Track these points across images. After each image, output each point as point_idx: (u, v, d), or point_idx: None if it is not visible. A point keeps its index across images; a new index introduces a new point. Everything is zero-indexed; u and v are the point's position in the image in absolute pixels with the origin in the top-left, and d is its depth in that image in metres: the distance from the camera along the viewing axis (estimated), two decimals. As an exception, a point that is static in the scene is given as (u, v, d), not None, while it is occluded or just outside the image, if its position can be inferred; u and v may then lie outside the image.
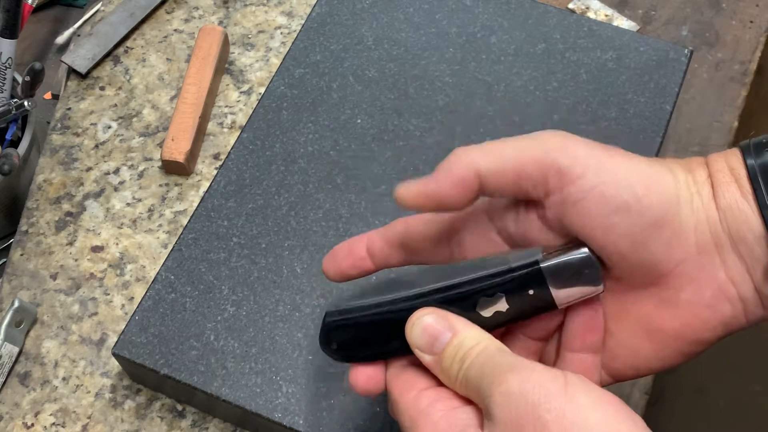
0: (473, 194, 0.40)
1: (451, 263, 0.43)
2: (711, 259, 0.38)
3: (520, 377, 0.35)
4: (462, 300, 0.40)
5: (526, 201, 0.41)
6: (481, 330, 0.39)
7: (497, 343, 0.38)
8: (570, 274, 0.39)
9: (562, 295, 0.39)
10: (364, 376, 0.42)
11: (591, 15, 0.74)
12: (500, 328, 0.41)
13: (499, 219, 0.42)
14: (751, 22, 0.77)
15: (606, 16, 0.75)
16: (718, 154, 0.39)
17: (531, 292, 0.39)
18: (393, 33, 0.68)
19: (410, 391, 0.39)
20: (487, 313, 0.39)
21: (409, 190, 0.40)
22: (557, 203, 0.39)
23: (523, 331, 0.42)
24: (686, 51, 0.67)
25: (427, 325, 0.39)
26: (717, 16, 0.73)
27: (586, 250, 0.39)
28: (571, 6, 0.75)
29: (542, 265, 0.39)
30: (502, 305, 0.39)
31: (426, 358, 0.39)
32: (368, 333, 0.41)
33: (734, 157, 0.38)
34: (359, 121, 0.64)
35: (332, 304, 0.43)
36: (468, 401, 0.38)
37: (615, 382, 0.42)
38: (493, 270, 0.39)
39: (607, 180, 0.38)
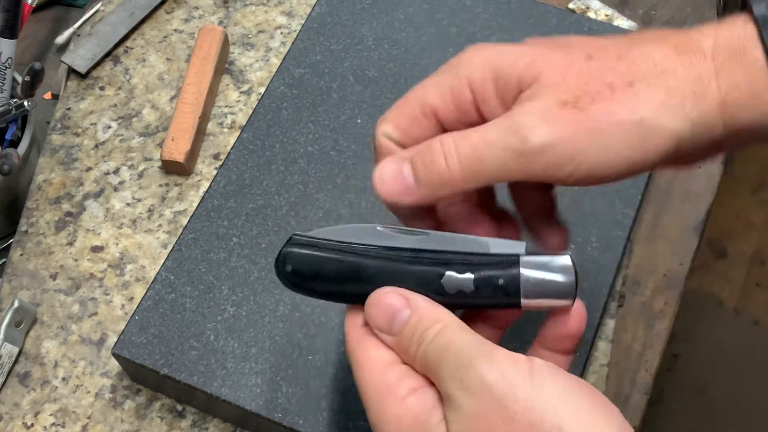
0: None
1: (436, 233, 0.41)
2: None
3: (483, 367, 0.34)
4: (431, 266, 0.39)
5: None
6: (441, 308, 0.38)
7: (457, 322, 0.37)
8: (545, 274, 0.38)
9: (530, 295, 0.38)
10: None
11: (591, 15, 0.74)
12: (459, 310, 0.40)
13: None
14: (751, 22, 0.77)
15: (606, 16, 0.75)
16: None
17: (501, 281, 0.38)
18: (393, 33, 0.68)
19: (376, 363, 0.38)
20: (451, 289, 0.38)
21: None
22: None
23: (483, 317, 0.41)
24: (686, 51, 0.67)
25: (386, 304, 0.38)
26: (717, 16, 0.73)
27: (569, 257, 0.38)
28: (571, 6, 0.75)
29: (522, 257, 0.38)
30: (467, 285, 0.38)
31: (386, 339, 0.38)
32: (328, 270, 0.40)
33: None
34: (359, 121, 0.64)
35: (305, 229, 0.42)
36: (431, 382, 0.37)
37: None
38: (474, 249, 0.39)
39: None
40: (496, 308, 0.40)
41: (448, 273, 0.38)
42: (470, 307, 0.40)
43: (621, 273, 0.63)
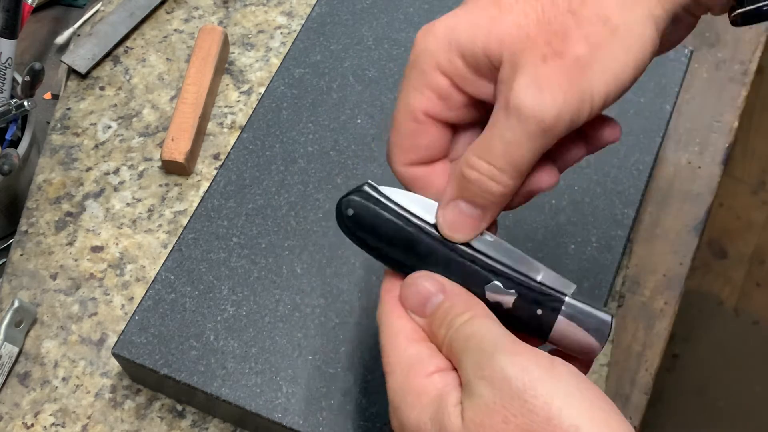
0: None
1: (500, 241, 0.41)
2: None
3: (505, 360, 0.35)
4: (482, 268, 0.39)
5: None
6: (475, 298, 0.39)
7: (487, 314, 0.38)
8: (581, 324, 0.39)
9: (559, 335, 0.39)
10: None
11: None
12: None
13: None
14: (751, 22, 0.77)
15: (606, 16, 0.74)
16: None
17: (539, 312, 0.39)
18: (393, 33, 0.68)
19: (411, 335, 0.39)
20: (491, 298, 0.39)
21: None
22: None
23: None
24: (686, 51, 0.67)
25: (421, 287, 0.39)
26: (717, 16, 0.73)
27: (609, 318, 0.39)
28: None
29: (567, 299, 0.39)
30: (507, 302, 0.39)
31: (418, 320, 0.39)
32: (385, 231, 0.40)
33: None
34: (359, 121, 0.64)
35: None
36: (454, 367, 0.38)
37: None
38: (525, 270, 0.39)
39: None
40: (525, 332, 0.40)
41: (495, 282, 0.39)
42: (501, 321, 0.40)
43: (621, 273, 0.63)
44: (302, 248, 0.59)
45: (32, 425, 0.59)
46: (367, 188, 0.40)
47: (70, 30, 0.79)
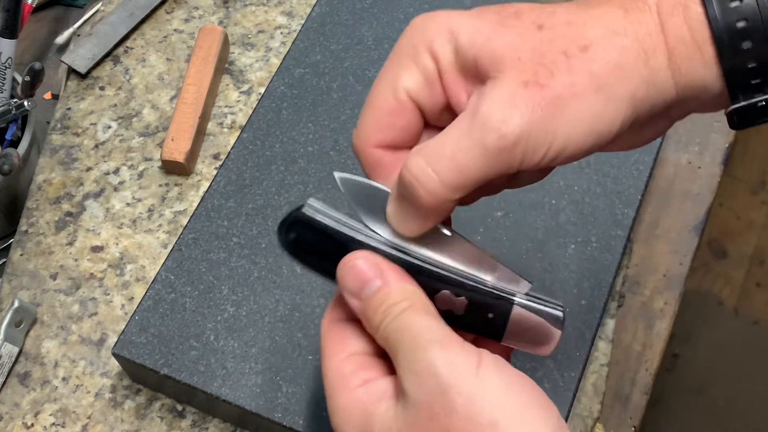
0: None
1: (456, 238, 0.40)
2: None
3: (435, 353, 0.35)
4: (430, 278, 0.39)
5: None
6: (414, 286, 0.38)
7: (424, 304, 0.37)
8: (531, 324, 0.39)
9: (512, 336, 0.39)
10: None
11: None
12: None
13: None
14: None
15: None
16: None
17: (490, 316, 0.39)
18: (393, 33, 0.68)
19: (339, 353, 0.38)
20: (441, 306, 0.39)
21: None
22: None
23: None
24: (686, 51, 0.67)
25: (360, 269, 0.38)
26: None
27: (561, 313, 0.39)
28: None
29: (516, 299, 0.39)
30: (458, 308, 0.39)
31: (353, 302, 0.38)
32: (329, 249, 0.39)
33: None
34: (359, 121, 0.64)
35: (319, 197, 0.41)
36: (389, 372, 0.37)
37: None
38: (474, 275, 0.39)
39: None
40: (480, 335, 0.40)
41: (444, 292, 0.39)
42: (454, 328, 0.40)
43: (621, 273, 0.63)
44: (302, 248, 0.59)
45: (32, 425, 0.59)
46: (306, 209, 0.40)
47: (70, 30, 0.79)
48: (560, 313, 0.39)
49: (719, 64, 0.35)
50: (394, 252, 0.39)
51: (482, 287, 0.39)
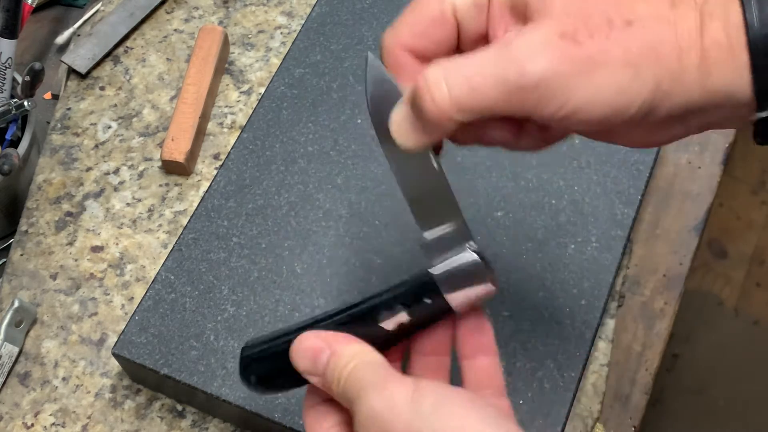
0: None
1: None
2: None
3: (374, 397, 0.36)
4: (364, 316, 0.41)
5: None
6: (361, 344, 0.40)
7: (373, 356, 0.39)
8: (461, 279, 0.40)
9: (456, 298, 0.40)
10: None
11: None
12: (404, 342, 0.42)
13: None
14: (751, 22, 0.77)
15: None
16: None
17: (428, 300, 0.40)
18: (393, 33, 0.68)
19: (319, 431, 0.40)
20: (389, 325, 0.40)
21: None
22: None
23: (420, 350, 0.42)
24: (686, 51, 0.67)
25: (306, 347, 0.40)
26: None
27: (472, 254, 0.40)
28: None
29: (434, 273, 0.40)
30: (403, 317, 0.40)
31: (314, 380, 0.40)
32: (280, 362, 0.41)
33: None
34: (359, 121, 0.64)
35: (252, 337, 0.44)
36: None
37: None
38: (392, 285, 0.41)
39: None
40: (436, 320, 0.41)
41: (384, 315, 0.40)
42: (417, 330, 0.42)
43: (621, 273, 0.63)
44: (302, 248, 0.59)
45: (32, 425, 0.59)
46: (244, 353, 0.43)
47: (70, 30, 0.80)
48: (469, 251, 0.40)
49: (751, 71, 0.35)
50: (327, 320, 0.41)
51: (402, 287, 0.40)
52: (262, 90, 0.71)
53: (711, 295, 1.48)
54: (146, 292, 0.58)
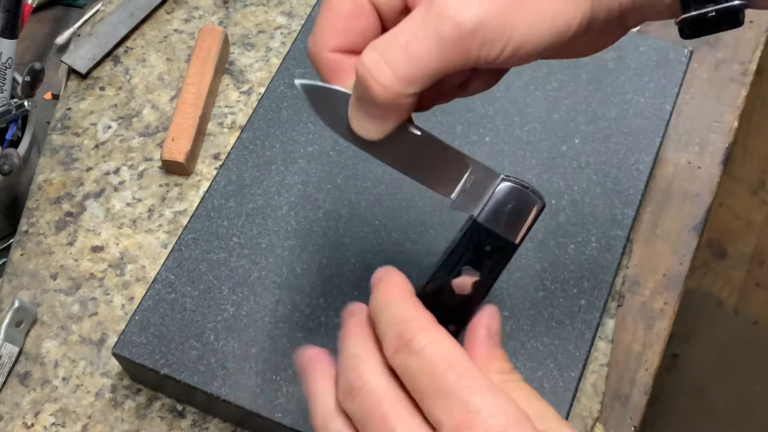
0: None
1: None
2: None
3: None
4: (438, 290, 0.39)
5: None
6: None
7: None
8: (505, 211, 0.39)
9: (511, 230, 0.39)
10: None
11: None
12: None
13: None
14: (751, 22, 0.77)
15: None
16: None
17: (488, 248, 0.39)
18: (393, 33, 0.68)
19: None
20: (465, 290, 0.39)
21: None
22: None
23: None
24: (686, 51, 0.67)
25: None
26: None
27: (504, 182, 0.39)
28: None
29: (479, 219, 0.39)
30: (473, 275, 0.39)
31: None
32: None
33: None
34: (359, 121, 0.64)
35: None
36: None
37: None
38: (444, 250, 0.39)
39: None
40: (508, 259, 0.40)
41: (453, 282, 0.39)
42: (493, 281, 0.40)
43: (621, 273, 0.63)
44: (302, 248, 0.59)
45: (32, 425, 0.59)
46: None
47: (70, 30, 0.80)
48: (504, 183, 0.39)
49: None
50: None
51: (458, 250, 0.39)
52: (262, 90, 0.71)
53: (711, 295, 1.48)
54: (146, 292, 0.58)
